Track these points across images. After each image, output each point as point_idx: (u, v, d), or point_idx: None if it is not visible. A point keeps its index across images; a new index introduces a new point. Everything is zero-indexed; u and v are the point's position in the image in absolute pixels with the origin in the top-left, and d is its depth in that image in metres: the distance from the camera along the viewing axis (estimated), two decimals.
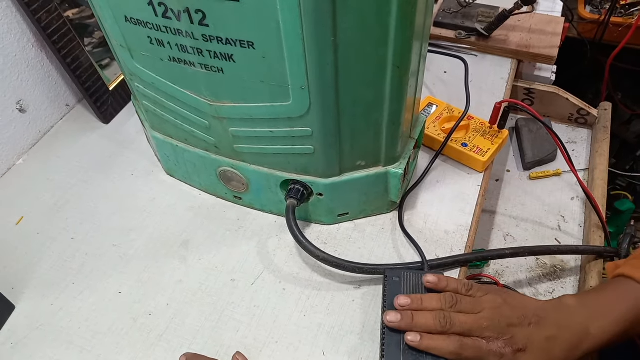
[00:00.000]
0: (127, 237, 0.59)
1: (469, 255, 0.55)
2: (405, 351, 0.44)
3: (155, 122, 0.60)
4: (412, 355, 0.44)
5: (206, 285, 0.54)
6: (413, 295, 0.46)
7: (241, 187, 0.59)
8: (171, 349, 0.49)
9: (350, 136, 0.50)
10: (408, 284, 0.49)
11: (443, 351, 0.43)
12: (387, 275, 0.49)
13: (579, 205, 0.71)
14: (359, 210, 0.59)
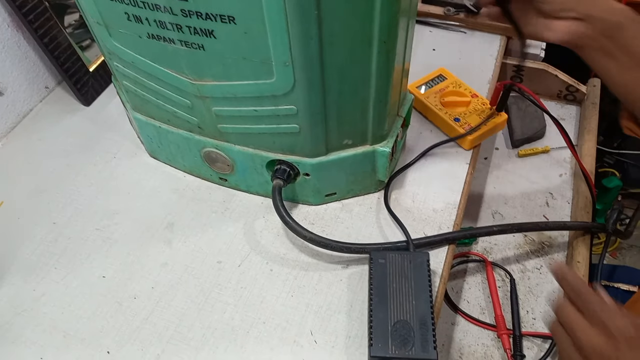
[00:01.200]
0: (110, 220, 0.58)
1: (456, 233, 0.55)
2: (393, 332, 0.44)
3: (137, 102, 0.58)
4: (400, 336, 0.44)
5: (192, 267, 0.53)
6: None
7: (226, 168, 0.58)
8: (157, 332, 0.48)
9: (336, 114, 0.49)
10: (393, 265, 0.48)
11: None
12: (372, 258, 0.49)
13: (567, 182, 0.71)
14: (346, 190, 0.59)
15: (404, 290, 0.46)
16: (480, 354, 0.59)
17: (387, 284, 0.47)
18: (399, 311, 0.45)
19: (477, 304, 0.63)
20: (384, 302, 0.46)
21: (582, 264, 0.61)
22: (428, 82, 0.68)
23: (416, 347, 0.43)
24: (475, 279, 0.65)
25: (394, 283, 0.47)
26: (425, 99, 0.65)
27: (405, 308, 0.45)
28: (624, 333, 0.37)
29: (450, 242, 0.54)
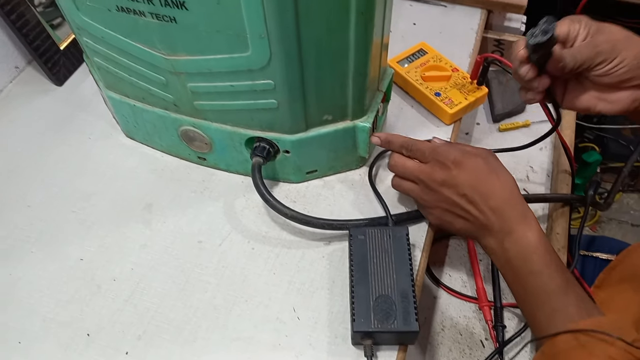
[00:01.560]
0: (87, 202, 0.57)
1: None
2: (375, 307, 0.44)
3: (110, 80, 0.56)
4: (382, 310, 0.44)
5: (172, 248, 0.53)
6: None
7: (204, 146, 0.57)
8: (137, 313, 0.48)
9: (315, 89, 0.48)
10: (373, 240, 0.48)
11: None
12: (352, 234, 0.49)
13: (547, 155, 0.72)
14: (327, 166, 0.58)
15: (385, 265, 0.46)
16: (462, 326, 0.59)
17: (367, 259, 0.47)
18: (380, 286, 0.45)
19: (458, 277, 0.64)
20: (365, 277, 0.46)
21: (561, 235, 0.62)
22: (409, 56, 0.67)
23: (398, 320, 0.43)
24: (457, 253, 0.66)
25: (374, 258, 0.47)
26: (406, 73, 0.65)
27: (386, 282, 0.45)
28: (453, 160, 0.46)
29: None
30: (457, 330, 0.59)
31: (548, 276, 0.43)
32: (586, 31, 0.45)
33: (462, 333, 0.59)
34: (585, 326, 0.39)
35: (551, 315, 0.41)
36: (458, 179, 0.46)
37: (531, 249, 0.44)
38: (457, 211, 0.47)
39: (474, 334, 0.59)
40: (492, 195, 0.45)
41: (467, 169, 0.46)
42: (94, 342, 0.46)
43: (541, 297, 0.42)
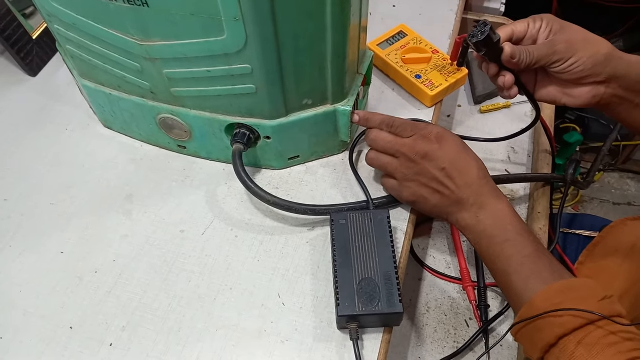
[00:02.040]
0: (66, 194, 0.56)
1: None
2: (359, 291, 0.44)
3: (84, 69, 0.55)
4: (366, 293, 0.44)
5: (154, 238, 0.52)
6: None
7: (184, 134, 0.56)
8: (120, 304, 0.47)
9: (293, 72, 0.47)
10: (354, 224, 0.48)
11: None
12: (333, 219, 0.49)
13: (528, 136, 0.72)
14: (310, 152, 0.58)
15: (367, 248, 0.47)
16: (447, 306, 0.60)
17: (349, 244, 0.47)
18: (363, 269, 0.45)
19: (442, 259, 0.64)
20: (348, 261, 0.46)
21: (542, 214, 0.62)
22: (388, 39, 0.66)
23: (382, 302, 0.43)
24: (441, 235, 0.66)
25: (357, 242, 0.47)
26: (386, 56, 0.64)
27: (369, 266, 0.45)
28: (436, 135, 0.48)
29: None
30: (442, 311, 0.60)
31: (521, 244, 0.45)
32: (548, 30, 0.48)
33: (447, 314, 0.59)
34: (559, 287, 0.41)
35: (526, 280, 0.43)
36: (439, 153, 0.48)
37: (505, 219, 0.46)
38: (434, 185, 0.48)
39: (458, 314, 0.59)
40: (468, 172, 0.48)
41: (448, 145, 0.48)
42: (77, 335, 0.46)
43: (516, 263, 0.44)
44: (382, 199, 0.53)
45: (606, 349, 0.37)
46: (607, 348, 0.37)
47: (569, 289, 0.41)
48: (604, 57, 0.47)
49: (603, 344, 0.37)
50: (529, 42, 0.50)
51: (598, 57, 0.47)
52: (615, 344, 0.37)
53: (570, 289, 0.41)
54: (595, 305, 0.39)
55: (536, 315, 0.39)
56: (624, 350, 0.37)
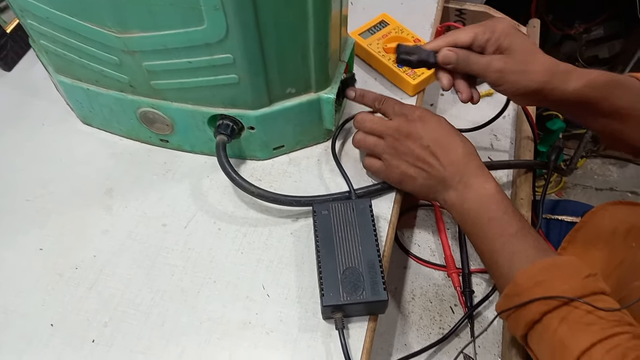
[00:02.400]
0: (44, 190, 0.55)
1: None
2: (343, 280, 0.44)
3: (59, 64, 0.54)
4: (350, 282, 0.44)
5: (135, 232, 0.51)
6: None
7: (166, 128, 0.55)
8: (102, 300, 0.47)
9: (276, 61, 0.47)
10: (337, 214, 0.48)
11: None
12: (315, 210, 0.49)
13: (510, 123, 0.73)
14: (294, 141, 0.57)
15: (350, 237, 0.47)
16: (432, 293, 0.60)
17: (332, 234, 0.47)
18: (346, 259, 0.45)
19: (427, 246, 0.64)
20: (331, 252, 0.46)
21: (525, 200, 0.63)
22: (370, 28, 0.66)
23: (367, 291, 0.43)
24: (425, 223, 0.67)
25: (339, 232, 0.47)
26: (368, 46, 0.64)
27: (352, 255, 0.45)
28: (418, 115, 0.50)
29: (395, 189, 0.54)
30: (427, 298, 0.60)
31: (507, 222, 0.45)
32: (496, 46, 0.50)
33: (432, 300, 0.60)
34: (543, 265, 0.41)
35: (511, 258, 0.44)
36: (422, 132, 0.49)
37: (490, 197, 0.46)
38: (419, 164, 0.49)
39: (443, 300, 0.60)
40: (453, 150, 0.48)
41: (430, 124, 0.49)
42: (58, 332, 0.45)
43: (501, 241, 0.45)
44: (364, 188, 0.53)
45: (589, 326, 0.38)
46: (589, 325, 0.38)
47: (554, 266, 0.41)
48: (534, 89, 0.49)
49: (586, 321, 0.38)
50: (477, 50, 0.51)
51: (529, 88, 0.49)
52: (598, 321, 0.38)
53: (555, 266, 0.41)
54: (580, 282, 0.40)
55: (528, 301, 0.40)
56: (607, 326, 0.38)
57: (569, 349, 0.37)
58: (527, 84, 0.49)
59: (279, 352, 0.44)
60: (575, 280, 0.40)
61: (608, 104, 0.49)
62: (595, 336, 0.37)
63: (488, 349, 0.57)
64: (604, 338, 0.37)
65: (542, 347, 0.40)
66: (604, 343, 0.37)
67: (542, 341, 0.40)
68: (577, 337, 0.37)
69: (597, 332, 0.37)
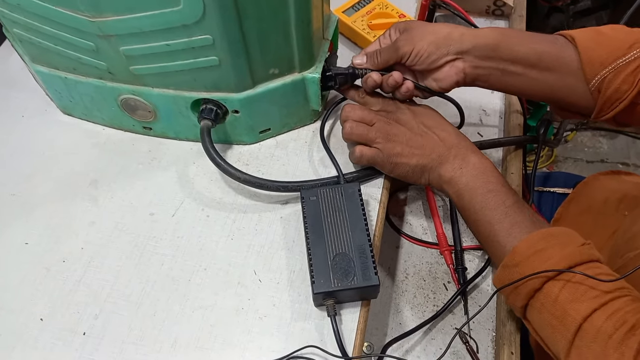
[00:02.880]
0: (27, 183, 0.53)
1: None
2: (333, 266, 0.43)
3: (35, 53, 0.52)
4: (341, 268, 0.43)
5: (122, 223, 0.50)
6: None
7: (148, 115, 0.54)
8: (92, 292, 0.46)
9: (257, 41, 0.45)
10: (325, 200, 0.48)
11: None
12: (304, 197, 0.48)
13: (499, 97, 0.72)
14: (281, 124, 0.56)
15: (339, 223, 0.46)
16: (425, 272, 0.60)
17: (321, 220, 0.46)
18: (336, 244, 0.45)
19: (419, 225, 0.64)
20: (320, 238, 0.45)
21: (515, 175, 0.63)
22: (354, 5, 0.65)
23: (357, 276, 0.43)
24: (416, 201, 0.66)
25: (329, 218, 0.46)
26: (352, 23, 0.63)
27: (342, 240, 0.45)
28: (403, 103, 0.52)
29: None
30: (421, 277, 0.60)
31: (505, 194, 0.46)
32: (397, 33, 0.51)
33: (425, 279, 0.60)
34: (540, 234, 0.42)
35: (510, 229, 0.44)
36: (412, 114, 0.52)
37: (487, 171, 0.48)
38: (413, 143, 0.50)
39: (436, 278, 0.60)
40: (444, 128, 0.50)
41: (418, 108, 0.53)
42: (48, 326, 0.44)
43: (500, 214, 0.45)
44: (353, 173, 0.52)
45: (589, 290, 0.38)
46: (590, 290, 0.38)
47: (550, 235, 0.42)
48: (443, 39, 0.49)
49: (587, 285, 0.38)
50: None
51: (437, 41, 0.49)
52: (599, 284, 0.38)
53: (551, 235, 0.42)
54: (576, 249, 0.40)
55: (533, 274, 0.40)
56: (607, 290, 0.38)
57: (570, 316, 0.38)
58: (435, 35, 0.49)
59: (273, 337, 0.44)
60: (571, 248, 0.41)
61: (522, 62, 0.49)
62: (596, 301, 0.38)
63: (482, 324, 0.57)
64: (604, 303, 0.37)
65: (543, 317, 0.40)
66: (604, 308, 0.37)
67: (544, 309, 0.40)
68: (578, 304, 0.38)
69: (598, 296, 0.38)
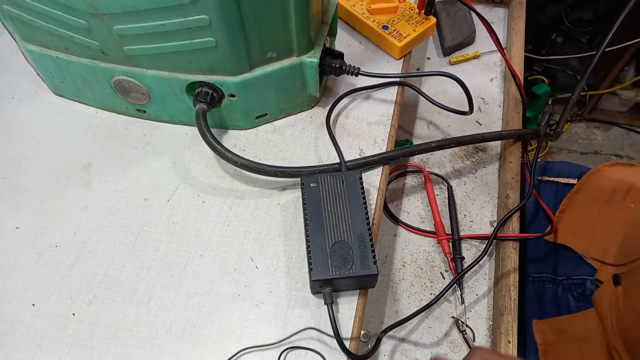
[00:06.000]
0: (17, 167, 0.52)
1: (394, 152, 0.53)
2: (332, 254, 0.43)
3: (26, 31, 0.50)
4: (339, 256, 0.42)
5: (116, 208, 0.49)
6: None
7: (142, 97, 0.53)
8: (85, 278, 0.45)
9: (255, 23, 0.44)
10: (326, 187, 0.47)
11: None
12: (304, 183, 0.47)
13: (498, 86, 0.71)
14: (278, 109, 0.55)
15: (339, 211, 0.45)
16: (422, 260, 0.60)
17: (321, 207, 0.45)
18: (336, 232, 0.44)
19: (416, 213, 0.64)
20: (320, 225, 0.44)
21: (514, 164, 0.62)
22: None
23: (356, 265, 0.42)
24: (414, 190, 0.66)
25: (329, 205, 0.45)
26: (351, 7, 0.61)
27: (342, 228, 0.44)
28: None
29: (386, 162, 0.53)
30: (418, 265, 0.59)
31: None
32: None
33: (423, 267, 0.59)
34: None
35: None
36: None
37: None
38: None
39: (434, 267, 0.60)
40: None
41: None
42: (41, 312, 0.44)
43: None
44: (354, 161, 0.51)
45: None
46: None
47: None
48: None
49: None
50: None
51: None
52: None
53: None
54: None
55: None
56: None
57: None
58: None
59: (270, 324, 0.43)
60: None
61: None
62: None
63: (479, 313, 0.57)
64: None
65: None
66: None
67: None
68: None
69: None
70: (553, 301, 0.57)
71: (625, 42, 1.22)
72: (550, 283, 0.58)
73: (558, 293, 0.57)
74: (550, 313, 0.56)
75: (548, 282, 0.59)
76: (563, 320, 0.54)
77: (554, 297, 0.58)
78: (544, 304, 0.58)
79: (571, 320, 0.54)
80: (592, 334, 0.51)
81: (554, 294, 0.58)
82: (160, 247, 0.47)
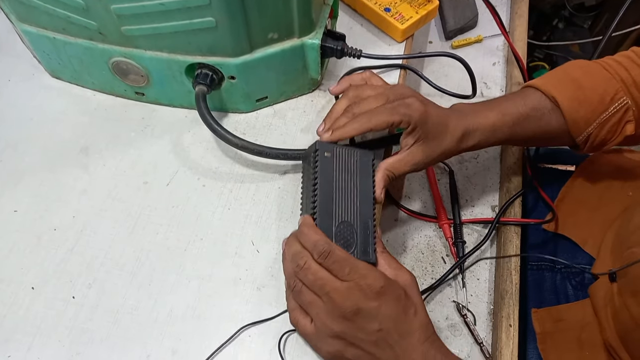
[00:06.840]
0: (14, 151, 0.51)
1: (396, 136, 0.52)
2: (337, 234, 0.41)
3: (22, 11, 0.49)
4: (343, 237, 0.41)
5: (115, 191, 0.49)
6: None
7: (141, 80, 0.52)
8: (85, 261, 0.45)
9: (256, 2, 0.43)
10: (340, 160, 0.44)
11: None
12: (318, 149, 0.43)
13: (500, 70, 0.71)
14: (278, 92, 0.54)
15: (350, 189, 0.43)
16: (424, 245, 0.60)
17: (333, 180, 0.42)
18: (343, 212, 0.42)
19: (418, 198, 0.63)
20: (329, 201, 0.42)
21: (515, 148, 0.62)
22: None
23: (358, 249, 0.41)
24: (416, 174, 0.65)
25: (340, 181, 0.43)
26: None
27: (350, 209, 0.42)
28: (375, 287, 0.38)
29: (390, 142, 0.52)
30: (419, 250, 0.59)
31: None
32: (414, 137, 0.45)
33: (424, 252, 0.59)
34: None
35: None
36: (376, 312, 0.38)
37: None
38: (365, 346, 0.39)
39: (435, 251, 0.59)
40: (410, 334, 0.39)
41: (390, 303, 0.38)
42: (40, 295, 0.43)
43: None
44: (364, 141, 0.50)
45: None
46: None
47: None
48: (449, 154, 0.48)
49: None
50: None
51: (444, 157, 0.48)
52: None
53: None
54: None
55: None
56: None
57: None
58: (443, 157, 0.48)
59: (271, 307, 0.43)
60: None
61: (519, 136, 0.50)
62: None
63: (480, 297, 0.57)
64: None
65: None
66: None
67: None
68: None
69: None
70: (552, 289, 0.57)
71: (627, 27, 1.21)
72: (549, 271, 0.58)
73: (557, 281, 0.57)
74: (550, 301, 0.57)
75: (547, 270, 0.59)
76: (561, 309, 0.55)
77: (552, 285, 0.58)
78: (543, 291, 0.58)
79: (569, 309, 0.54)
80: (590, 321, 0.52)
81: (553, 282, 0.58)
82: (160, 231, 0.47)
